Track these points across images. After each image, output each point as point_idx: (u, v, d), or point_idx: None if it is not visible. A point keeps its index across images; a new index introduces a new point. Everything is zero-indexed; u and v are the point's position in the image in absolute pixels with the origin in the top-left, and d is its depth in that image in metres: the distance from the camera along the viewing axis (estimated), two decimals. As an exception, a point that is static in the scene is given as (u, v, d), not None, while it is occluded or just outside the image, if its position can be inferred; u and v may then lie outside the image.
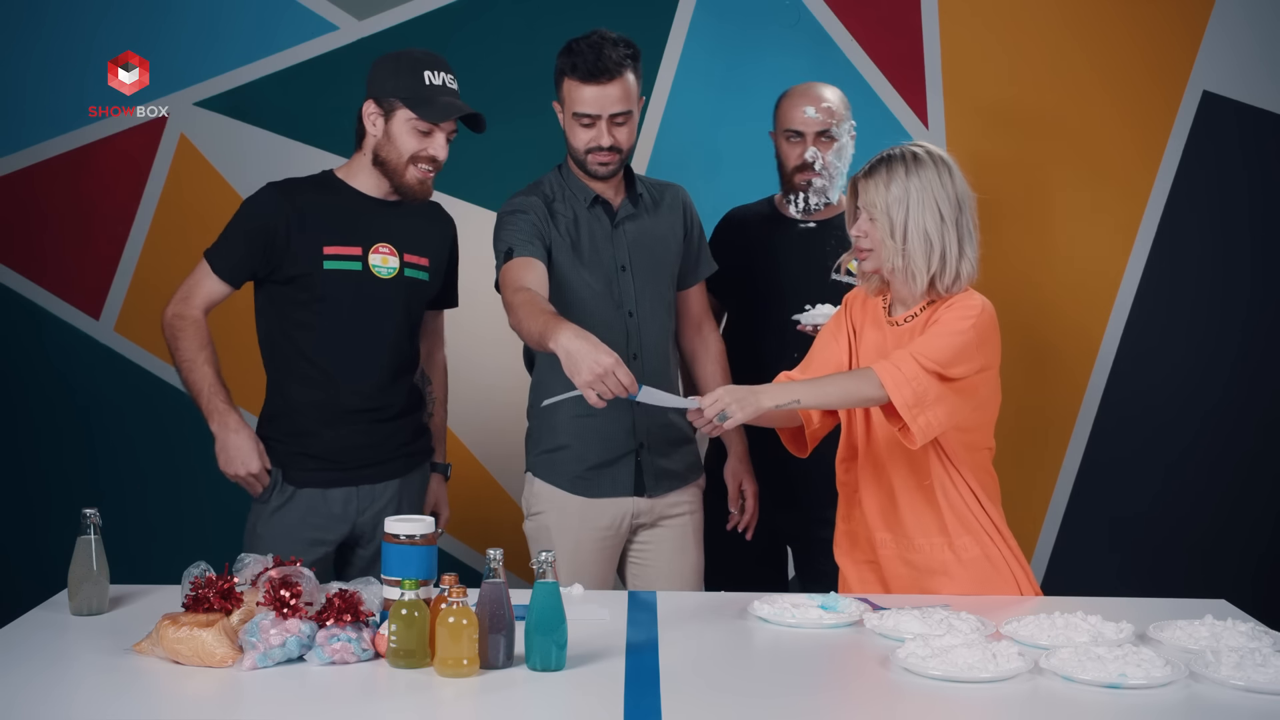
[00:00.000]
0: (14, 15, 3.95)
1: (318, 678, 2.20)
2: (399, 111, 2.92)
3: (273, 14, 3.97)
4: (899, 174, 2.66)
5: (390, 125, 2.94)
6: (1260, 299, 4.06)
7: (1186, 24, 4.02)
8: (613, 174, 3.08)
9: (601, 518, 3.09)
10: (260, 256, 2.95)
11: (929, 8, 4.01)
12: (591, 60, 2.97)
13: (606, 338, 2.97)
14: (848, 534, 2.86)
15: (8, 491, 4.02)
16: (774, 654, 2.40)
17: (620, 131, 3.03)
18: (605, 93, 2.99)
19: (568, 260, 3.06)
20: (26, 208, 3.99)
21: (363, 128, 2.99)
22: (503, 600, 2.21)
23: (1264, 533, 4.09)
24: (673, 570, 3.15)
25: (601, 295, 3.06)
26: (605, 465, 3.09)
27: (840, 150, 3.33)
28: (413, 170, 2.95)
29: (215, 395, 2.94)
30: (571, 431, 3.08)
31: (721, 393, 2.61)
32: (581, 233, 3.08)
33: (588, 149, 3.03)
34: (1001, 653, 2.21)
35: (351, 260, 2.96)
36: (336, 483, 3.00)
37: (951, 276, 2.67)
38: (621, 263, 3.10)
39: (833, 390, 2.65)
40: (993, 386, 2.72)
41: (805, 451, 2.87)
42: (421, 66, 2.94)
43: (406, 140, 2.93)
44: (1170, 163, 4.04)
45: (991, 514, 2.73)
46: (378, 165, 2.98)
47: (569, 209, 3.09)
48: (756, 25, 4.01)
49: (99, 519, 2.53)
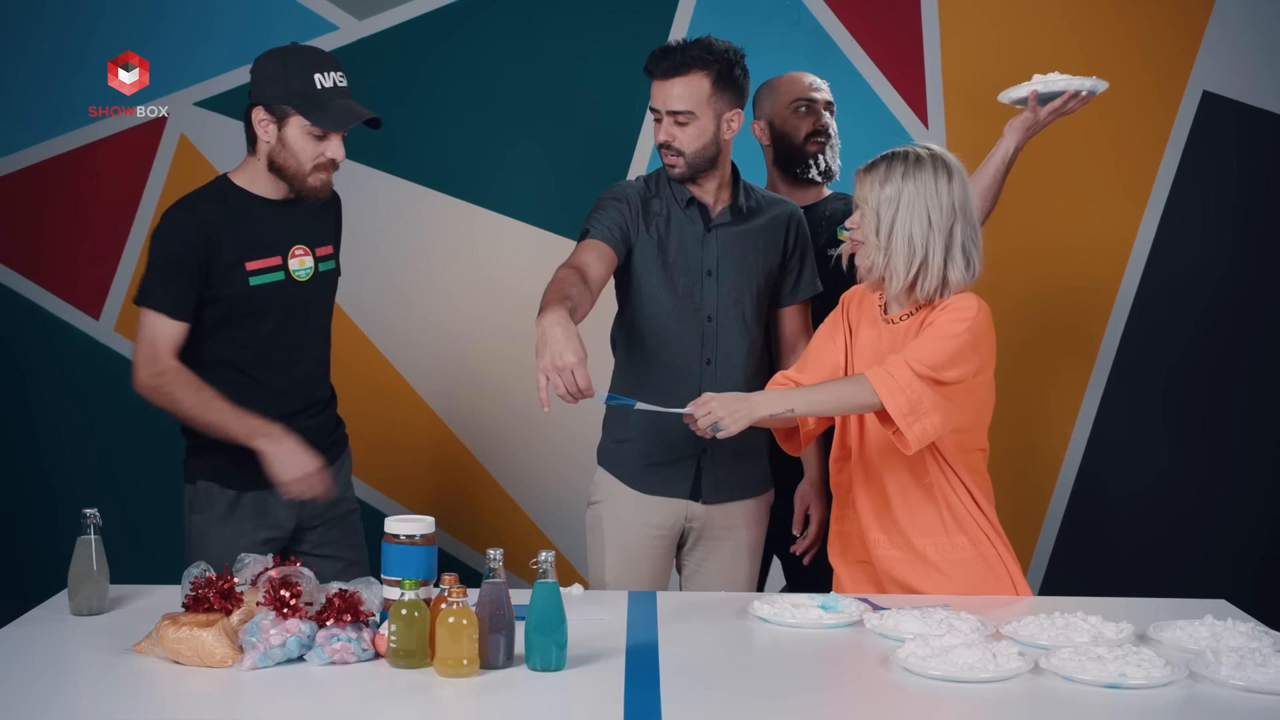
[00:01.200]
0: (13, 15, 3.95)
1: (318, 678, 2.20)
2: (293, 118, 2.83)
3: (273, 14, 3.97)
4: (896, 174, 2.66)
5: (284, 132, 2.84)
6: (1260, 299, 4.06)
7: (1186, 24, 4.02)
8: (682, 176, 3.04)
9: (654, 515, 3.09)
10: (199, 282, 2.85)
11: (929, 7, 4.01)
12: (660, 55, 3.00)
13: (682, 340, 3.04)
14: (841, 534, 2.86)
15: (8, 491, 4.02)
16: (774, 654, 2.40)
17: (680, 132, 3.00)
18: (665, 89, 2.99)
19: (651, 258, 3.05)
20: (26, 208, 3.99)
21: (252, 132, 2.88)
22: (503, 600, 2.21)
23: (1264, 533, 4.09)
24: (724, 583, 3.13)
25: (682, 298, 3.06)
26: (665, 464, 3.09)
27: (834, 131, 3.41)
28: (314, 175, 2.88)
29: (243, 417, 2.82)
30: (639, 426, 3.08)
31: (714, 404, 2.62)
32: (672, 232, 3.07)
33: (658, 145, 3.05)
34: (1001, 653, 2.21)
35: (274, 271, 2.91)
36: None
37: (935, 283, 2.66)
38: (708, 268, 3.08)
39: (827, 398, 2.65)
40: (987, 389, 2.72)
41: (799, 450, 2.87)
42: (311, 68, 2.84)
43: (303, 146, 2.85)
44: (1170, 163, 4.04)
45: (987, 513, 2.73)
46: (274, 171, 2.89)
47: (664, 207, 3.08)
48: (756, 25, 4.01)
49: (99, 519, 2.53)
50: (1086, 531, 4.10)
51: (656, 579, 3.11)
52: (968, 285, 2.69)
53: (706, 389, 2.98)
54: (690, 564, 3.17)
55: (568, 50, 3.98)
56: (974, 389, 2.66)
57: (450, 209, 4.03)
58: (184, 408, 2.85)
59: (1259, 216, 4.05)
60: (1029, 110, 3.10)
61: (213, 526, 2.92)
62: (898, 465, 2.73)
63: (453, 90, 3.96)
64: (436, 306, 4.01)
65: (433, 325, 3.99)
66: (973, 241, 2.68)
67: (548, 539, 4.02)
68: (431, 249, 4.03)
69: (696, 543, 3.14)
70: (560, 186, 3.98)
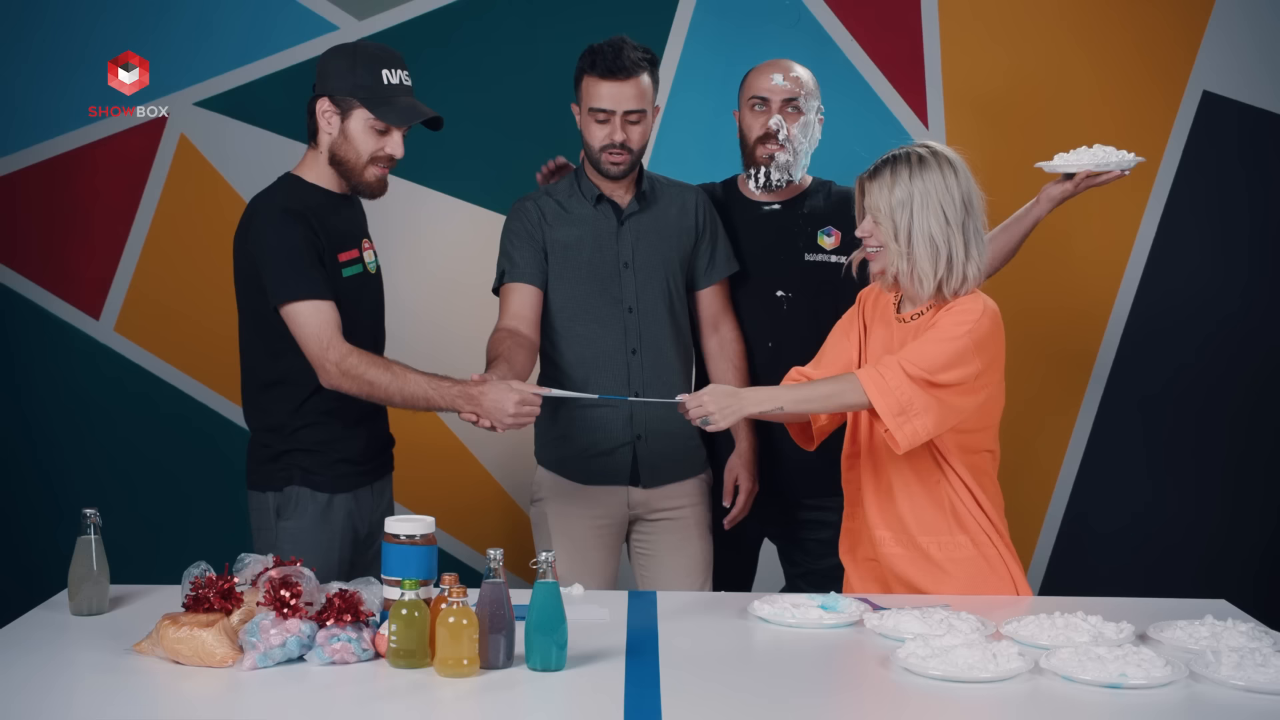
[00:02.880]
0: (13, 15, 3.95)
1: (318, 678, 2.20)
2: (356, 111, 2.84)
3: (273, 14, 3.97)
4: (903, 176, 2.66)
5: (347, 124, 2.85)
6: (1260, 299, 4.06)
7: (1186, 24, 4.02)
8: (624, 173, 3.16)
9: (597, 505, 3.16)
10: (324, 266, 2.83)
11: (929, 8, 4.01)
12: (611, 58, 3.08)
13: (604, 334, 3.13)
14: (851, 532, 2.87)
15: (8, 491, 4.02)
16: (774, 654, 2.40)
17: (633, 130, 3.11)
18: (621, 89, 3.08)
19: (567, 258, 3.15)
20: (26, 208, 3.99)
21: (315, 124, 2.89)
22: (503, 600, 2.21)
23: (1264, 533, 4.09)
24: (677, 563, 3.22)
25: (600, 292, 3.15)
26: (602, 454, 3.16)
27: (806, 127, 3.25)
28: (371, 169, 2.89)
29: (438, 383, 2.77)
30: (573, 420, 3.17)
31: (706, 398, 2.66)
32: (586, 229, 3.16)
33: (602, 146, 3.12)
34: (1001, 653, 2.21)
35: (355, 264, 2.92)
36: (362, 482, 2.93)
37: (959, 279, 2.67)
38: (624, 260, 3.16)
39: (815, 397, 2.67)
40: (993, 390, 2.71)
41: (812, 445, 2.89)
42: (379, 64, 2.86)
43: (365, 140, 2.86)
44: (1170, 163, 4.04)
45: (990, 514, 2.73)
46: (334, 164, 2.89)
47: (578, 206, 3.19)
48: (756, 25, 4.01)
49: (99, 519, 2.53)
50: (1087, 531, 4.10)
51: (606, 570, 3.19)
52: (980, 282, 2.70)
53: (635, 380, 3.13)
54: (640, 550, 3.26)
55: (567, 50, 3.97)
56: (975, 390, 2.65)
57: (450, 208, 4.03)
58: (379, 387, 2.76)
59: (1259, 216, 4.05)
60: (1068, 182, 3.11)
61: (307, 532, 2.84)
62: (903, 463, 2.73)
63: (453, 90, 3.96)
64: (436, 306, 4.01)
65: (433, 325, 3.99)
66: (977, 235, 2.69)
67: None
68: (431, 249, 4.04)
69: (642, 528, 3.23)
70: (560, 186, 3.98)
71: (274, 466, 2.88)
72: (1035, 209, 3.14)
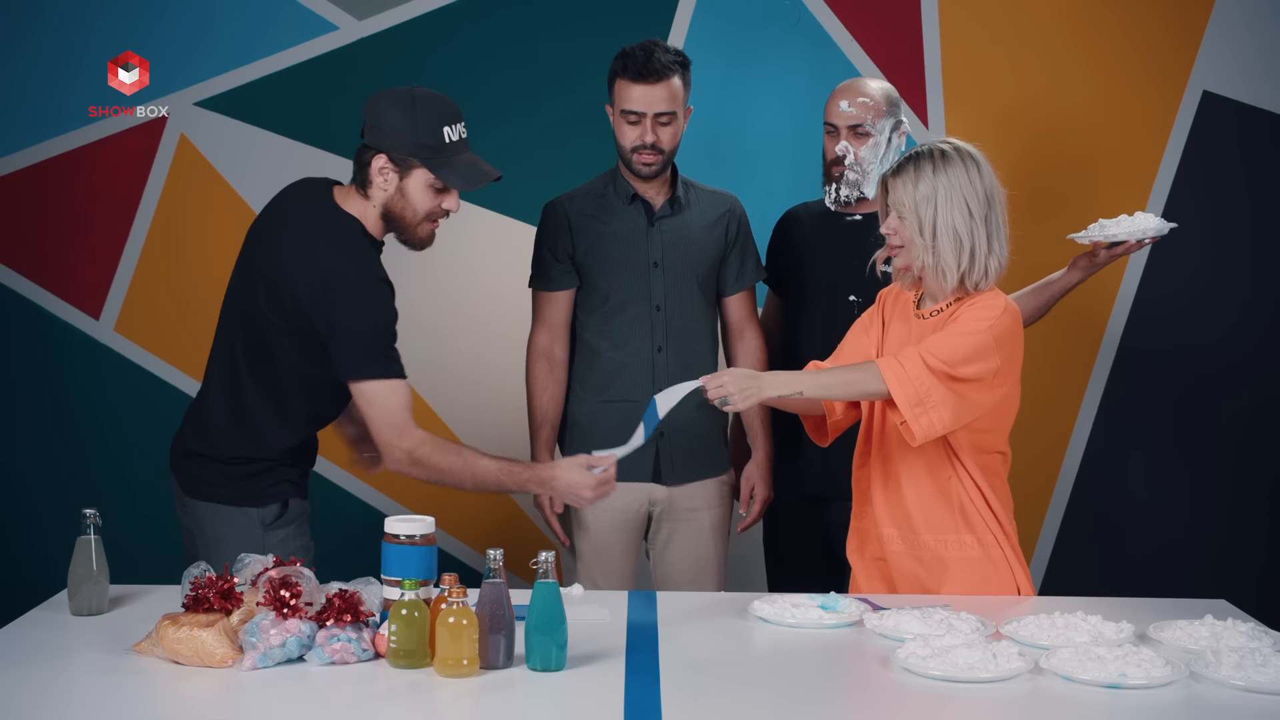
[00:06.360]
0: (13, 15, 3.95)
1: (318, 678, 2.20)
2: (417, 171, 2.72)
3: (273, 14, 3.97)
4: (926, 172, 2.68)
5: (405, 183, 2.73)
6: (1260, 300, 4.06)
7: (1186, 25, 4.02)
8: (655, 174, 3.23)
9: (618, 500, 3.15)
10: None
11: (929, 8, 4.01)
12: (642, 61, 3.15)
13: (632, 331, 3.22)
14: (859, 531, 2.87)
15: (8, 491, 4.02)
16: (774, 654, 2.40)
17: (664, 131, 3.19)
18: (652, 92, 3.15)
19: (598, 257, 3.25)
20: (26, 208, 3.99)
21: (366, 176, 2.74)
22: (503, 600, 2.21)
23: (1264, 533, 4.09)
24: (691, 564, 3.28)
25: (629, 289, 3.24)
26: None
27: (876, 146, 3.32)
28: (425, 225, 2.80)
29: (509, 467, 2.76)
30: (596, 416, 3.25)
31: (726, 378, 2.67)
32: (618, 228, 3.25)
33: (633, 147, 3.20)
34: (1001, 653, 2.21)
35: None
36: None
37: (980, 273, 2.69)
38: (654, 259, 3.23)
39: (836, 382, 2.68)
40: (1010, 390, 2.71)
41: (826, 440, 2.91)
42: (440, 121, 2.73)
43: (423, 199, 2.75)
44: (1170, 163, 4.04)
45: (999, 516, 2.73)
46: (386, 219, 2.78)
47: (611, 204, 3.28)
48: (756, 25, 4.01)
49: (99, 519, 2.53)
50: (1087, 531, 4.10)
51: (626, 566, 3.26)
52: (1001, 275, 2.72)
53: (659, 377, 3.20)
54: (657, 547, 3.31)
55: (567, 50, 3.98)
56: (993, 386, 2.66)
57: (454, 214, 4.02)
58: (451, 474, 2.70)
59: (1259, 216, 4.05)
60: (1099, 253, 3.20)
61: (295, 536, 2.82)
62: (913, 462, 2.74)
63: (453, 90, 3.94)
64: (435, 307, 4.01)
65: (431, 326, 3.99)
66: (999, 229, 2.70)
67: (548, 539, 4.01)
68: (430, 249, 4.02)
69: (661, 525, 3.29)
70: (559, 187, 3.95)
71: (261, 482, 2.79)
72: (1068, 277, 3.26)
